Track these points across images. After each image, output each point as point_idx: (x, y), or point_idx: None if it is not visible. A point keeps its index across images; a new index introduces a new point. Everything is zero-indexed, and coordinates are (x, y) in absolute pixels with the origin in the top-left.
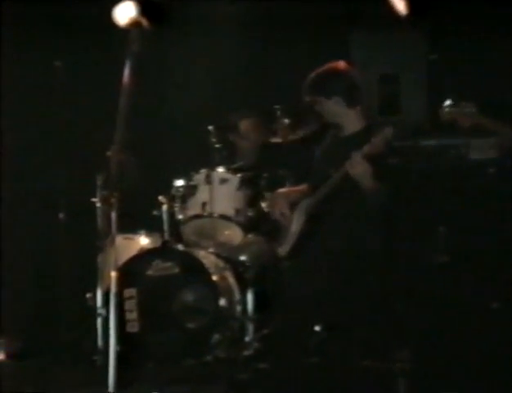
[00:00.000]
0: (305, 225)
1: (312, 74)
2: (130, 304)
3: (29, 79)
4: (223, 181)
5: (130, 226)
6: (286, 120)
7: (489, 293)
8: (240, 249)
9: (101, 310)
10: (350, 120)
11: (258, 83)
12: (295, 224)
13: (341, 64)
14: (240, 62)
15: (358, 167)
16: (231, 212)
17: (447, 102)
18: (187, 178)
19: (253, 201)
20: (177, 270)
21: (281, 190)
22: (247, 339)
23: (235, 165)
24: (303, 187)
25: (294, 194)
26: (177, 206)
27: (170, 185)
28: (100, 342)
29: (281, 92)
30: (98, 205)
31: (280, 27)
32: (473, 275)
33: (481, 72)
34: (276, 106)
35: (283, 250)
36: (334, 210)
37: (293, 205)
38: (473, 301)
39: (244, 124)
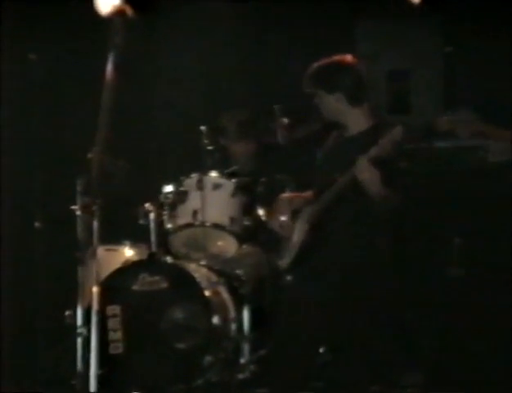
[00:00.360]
0: (308, 235)
1: (315, 65)
2: (113, 323)
3: (1, 73)
4: (216, 186)
5: (113, 236)
6: (285, 120)
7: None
8: (235, 261)
9: (81, 329)
10: (354, 119)
11: (256, 80)
12: (297, 234)
13: (348, 57)
14: (236, 56)
15: (365, 172)
16: (225, 221)
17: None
18: (177, 183)
19: (249, 209)
20: (165, 285)
21: (284, 195)
22: (242, 361)
23: (229, 170)
24: (307, 193)
25: (297, 200)
26: (165, 214)
27: (158, 191)
28: (79, 365)
29: (281, 90)
30: (78, 212)
31: (280, 18)
32: (492, 290)
33: (501, 66)
34: (275, 105)
35: (283, 262)
36: (340, 219)
37: (295, 213)
38: (493, 320)
39: (239, 125)
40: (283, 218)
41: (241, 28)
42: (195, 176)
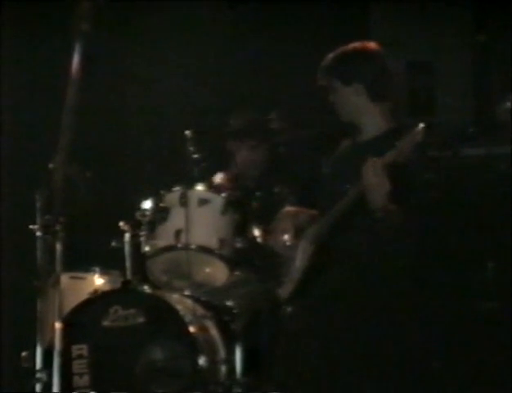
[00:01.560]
0: (313, 258)
1: (332, 54)
2: (80, 366)
3: None
4: (203, 202)
5: (80, 261)
6: (285, 124)
7: None
8: (226, 291)
9: (40, 374)
10: (372, 119)
11: (251, 77)
12: (300, 257)
13: (370, 44)
14: (230, 48)
15: (374, 177)
16: (213, 243)
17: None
18: (156, 198)
19: (242, 229)
20: (142, 319)
21: (288, 209)
22: None
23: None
24: (313, 211)
25: (304, 216)
26: (142, 235)
27: (134, 207)
28: None
29: (281, 86)
30: (38, 233)
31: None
32: None
33: None
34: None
35: (284, 291)
36: (350, 240)
37: (299, 231)
38: None
39: (251, 126)
40: (286, 236)
41: (239, 13)
42: (177, 190)
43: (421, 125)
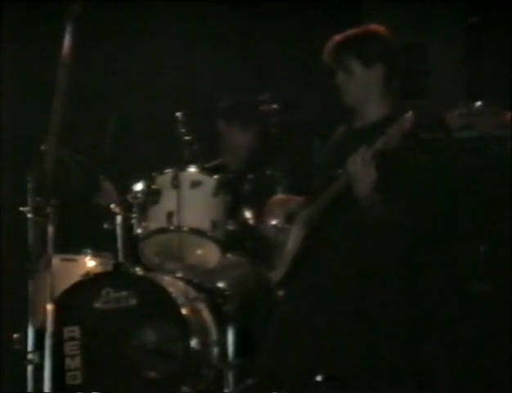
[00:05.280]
0: (304, 242)
1: (350, 32)
2: (71, 348)
3: None
4: (195, 184)
5: (72, 243)
6: (275, 106)
7: None
8: (218, 273)
9: (31, 355)
10: (376, 105)
11: (243, 62)
12: (292, 241)
13: (380, 28)
14: (221, 30)
15: (360, 167)
16: (205, 225)
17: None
18: (148, 180)
19: (234, 211)
20: (134, 302)
21: (277, 197)
22: (226, 391)
23: (210, 164)
24: (302, 198)
25: (293, 203)
26: (134, 218)
27: (126, 190)
28: None
29: (273, 69)
30: (29, 215)
31: None
32: None
33: None
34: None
35: (275, 275)
36: (342, 223)
37: (289, 217)
38: None
39: (243, 109)
40: (274, 221)
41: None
42: (169, 172)
43: (410, 112)
